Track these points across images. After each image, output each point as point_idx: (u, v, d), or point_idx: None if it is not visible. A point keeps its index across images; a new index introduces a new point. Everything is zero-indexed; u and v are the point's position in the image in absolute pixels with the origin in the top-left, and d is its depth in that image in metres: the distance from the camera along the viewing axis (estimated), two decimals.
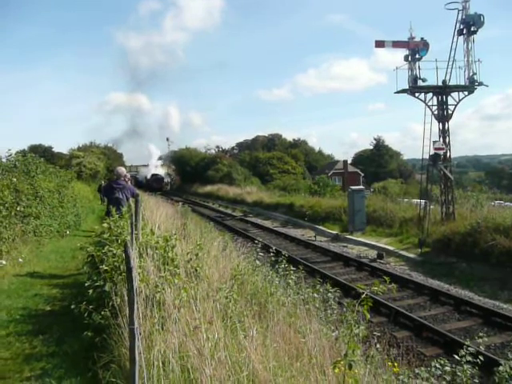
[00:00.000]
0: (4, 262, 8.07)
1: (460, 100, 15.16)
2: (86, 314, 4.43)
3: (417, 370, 4.84)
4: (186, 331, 3.42)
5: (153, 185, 51.39)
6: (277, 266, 7.18)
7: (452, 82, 14.94)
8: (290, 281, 6.28)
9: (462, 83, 14.97)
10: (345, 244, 16.51)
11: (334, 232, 18.53)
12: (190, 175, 55.20)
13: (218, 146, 72.42)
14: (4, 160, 10.77)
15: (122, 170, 9.14)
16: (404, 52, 15.46)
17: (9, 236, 8.64)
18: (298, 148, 69.39)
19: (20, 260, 8.83)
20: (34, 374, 4.10)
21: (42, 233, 11.33)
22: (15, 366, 4.31)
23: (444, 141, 15.17)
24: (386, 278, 3.85)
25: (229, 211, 30.15)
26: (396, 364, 4.18)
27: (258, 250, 7.80)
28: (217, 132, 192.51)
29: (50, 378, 3.96)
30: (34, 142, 58.21)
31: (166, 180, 61.03)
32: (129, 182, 9.23)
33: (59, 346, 4.75)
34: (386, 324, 8.20)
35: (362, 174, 57.49)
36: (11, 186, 9.18)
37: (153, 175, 59.53)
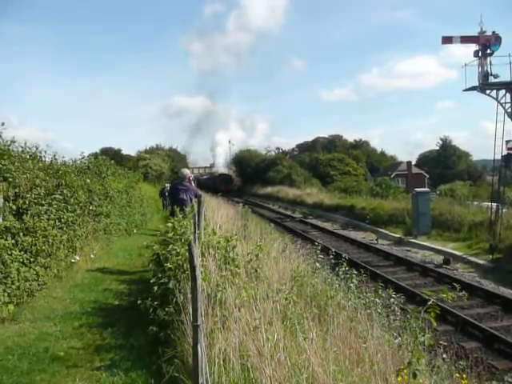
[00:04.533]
0: (78, 258, 8.60)
1: None
2: (151, 310, 4.64)
3: None
4: (246, 330, 3.47)
5: (220, 186, 45.61)
6: (337, 269, 7.07)
7: None
8: (352, 284, 6.16)
9: None
10: (408, 248, 15.93)
11: (397, 235, 17.93)
12: (251, 176, 55.52)
13: (278, 148, 72.64)
14: (78, 162, 11.50)
15: (186, 171, 9.43)
16: (475, 47, 14.66)
17: (82, 233, 9.19)
18: (359, 149, 67.88)
19: (92, 256, 9.38)
20: (104, 365, 4.33)
21: (111, 231, 11.97)
22: (87, 356, 4.59)
23: None
24: (457, 286, 3.67)
25: (288, 212, 30.10)
26: (464, 376, 3.97)
27: (318, 252, 7.73)
28: (277, 133, 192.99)
29: (118, 369, 4.17)
30: (105, 145, 61.62)
31: (234, 180, 55.91)
32: (192, 183, 9.51)
33: (126, 339, 4.98)
34: (452, 333, 7.80)
35: (427, 176, 55.08)
36: (85, 186, 9.75)
37: (220, 175, 55.16)
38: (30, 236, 6.36)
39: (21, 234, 6.16)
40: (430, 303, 3.03)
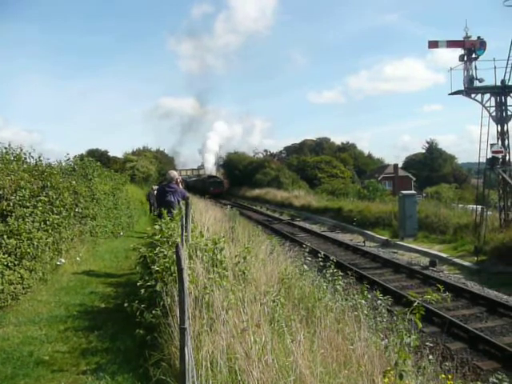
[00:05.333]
0: (63, 261, 8.50)
1: None
2: (138, 313, 4.60)
3: None
4: (233, 333, 3.46)
5: (209, 189, 45.01)
6: (324, 271, 7.10)
7: None
8: (338, 286, 6.18)
9: None
10: (395, 250, 16.06)
11: (384, 238, 18.07)
12: (239, 179, 55.36)
13: (266, 150, 72.78)
14: (63, 164, 11.36)
15: (174, 173, 9.38)
16: (460, 51, 14.89)
17: (68, 236, 9.07)
18: (346, 152, 68.29)
19: (78, 259, 9.27)
20: (90, 368, 4.28)
21: (97, 233, 11.85)
22: (72, 360, 4.53)
23: (503, 143, 14.45)
24: (440, 287, 3.71)
25: (276, 215, 30.13)
26: (450, 377, 4.00)
27: (306, 254, 7.74)
28: (265, 135, 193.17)
29: (104, 372, 4.12)
30: (92, 147, 60.86)
31: (224, 183, 53.56)
32: (180, 185, 9.46)
33: (113, 342, 4.93)
34: (438, 334, 7.87)
35: (414, 179, 55.69)
36: (71, 188, 9.64)
37: (209, 177, 53.18)
38: (14, 238, 6.26)
39: (5, 236, 6.07)
40: (415, 304, 3.05)
